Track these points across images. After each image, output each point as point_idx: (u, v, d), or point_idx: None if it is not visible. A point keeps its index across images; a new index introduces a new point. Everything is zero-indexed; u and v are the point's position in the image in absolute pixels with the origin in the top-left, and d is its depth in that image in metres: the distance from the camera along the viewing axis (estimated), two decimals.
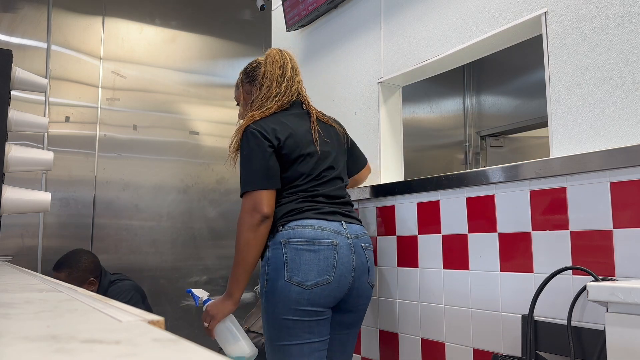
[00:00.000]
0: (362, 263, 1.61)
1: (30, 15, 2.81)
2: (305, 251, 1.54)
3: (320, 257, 1.54)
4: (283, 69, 1.73)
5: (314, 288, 1.52)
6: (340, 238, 1.57)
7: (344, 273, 1.56)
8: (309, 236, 1.55)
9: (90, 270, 2.42)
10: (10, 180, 1.54)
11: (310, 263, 1.53)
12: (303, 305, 1.53)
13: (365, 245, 1.64)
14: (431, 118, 3.69)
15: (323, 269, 1.53)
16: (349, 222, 1.63)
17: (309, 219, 1.59)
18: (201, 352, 0.31)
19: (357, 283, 1.60)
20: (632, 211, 1.29)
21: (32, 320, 0.45)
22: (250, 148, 1.61)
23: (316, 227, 1.56)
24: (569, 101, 1.48)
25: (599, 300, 1.01)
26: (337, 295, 1.57)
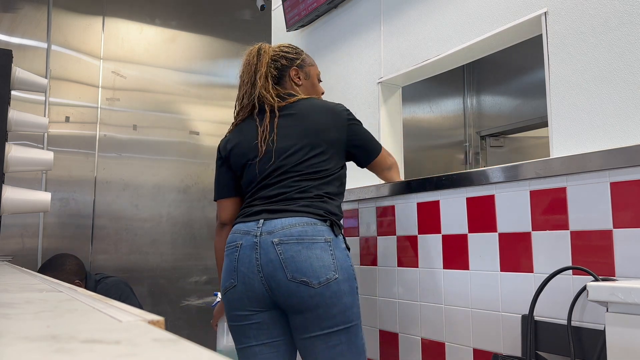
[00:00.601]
0: (271, 260, 1.45)
1: (30, 15, 2.81)
2: (226, 256, 1.57)
3: (227, 261, 1.55)
4: (242, 72, 1.70)
5: (226, 293, 1.54)
6: (245, 238, 1.50)
7: (246, 274, 1.48)
8: (230, 240, 1.57)
9: (75, 272, 2.41)
10: (10, 180, 1.54)
11: (224, 269, 1.56)
12: (228, 311, 1.56)
13: (279, 240, 1.45)
14: (431, 118, 3.69)
15: (228, 273, 1.53)
16: (271, 219, 1.50)
17: (238, 222, 1.60)
18: (201, 352, 0.31)
19: (272, 282, 1.45)
20: (632, 211, 1.29)
21: (32, 320, 0.45)
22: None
23: (234, 232, 1.57)
24: (569, 101, 1.48)
25: (599, 300, 1.01)
26: (253, 297, 1.49)
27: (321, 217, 1.51)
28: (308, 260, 1.43)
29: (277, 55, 1.71)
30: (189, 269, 3.10)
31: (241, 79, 1.70)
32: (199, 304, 3.07)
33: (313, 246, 1.45)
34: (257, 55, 1.68)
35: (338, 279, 1.45)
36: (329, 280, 1.43)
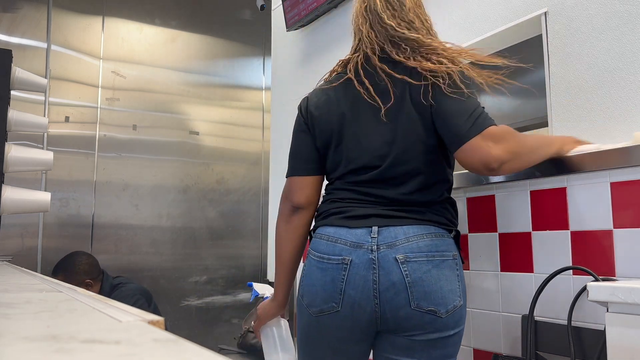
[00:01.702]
0: (392, 284, 1.15)
1: (30, 15, 2.81)
2: (315, 267, 1.25)
3: (326, 278, 1.21)
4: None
5: (320, 315, 1.23)
6: (357, 253, 1.19)
7: (358, 300, 1.18)
8: (321, 250, 1.24)
9: (86, 271, 2.40)
10: (10, 180, 1.54)
11: (317, 284, 1.23)
12: (310, 331, 1.27)
13: (403, 257, 1.16)
14: None
15: (328, 294, 1.21)
16: (387, 226, 1.20)
17: (325, 225, 1.28)
18: (201, 352, 0.31)
19: (389, 309, 1.17)
20: (632, 211, 1.29)
21: (32, 320, 0.45)
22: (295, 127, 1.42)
23: (327, 239, 1.24)
24: (569, 101, 1.48)
25: (599, 301, 1.01)
26: (357, 326, 1.21)
27: (447, 226, 1.25)
28: (438, 284, 1.16)
29: None
30: (189, 269, 3.10)
31: (359, 12, 1.45)
32: (198, 304, 3.07)
33: (443, 264, 1.18)
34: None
35: (462, 305, 1.21)
36: (455, 308, 1.18)
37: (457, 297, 1.19)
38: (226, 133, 3.29)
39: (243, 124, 3.44)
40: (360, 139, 1.26)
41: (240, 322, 2.65)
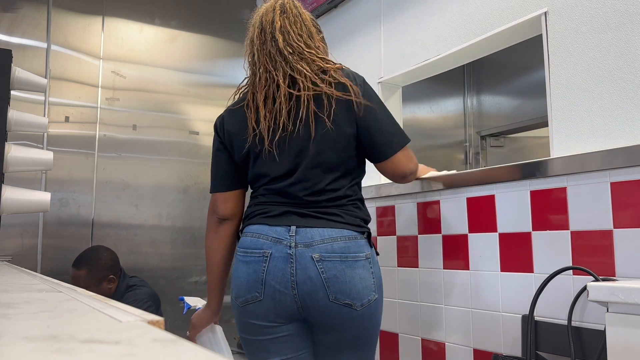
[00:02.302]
0: (309, 278, 1.27)
1: (30, 15, 2.81)
2: (241, 262, 1.34)
3: (249, 270, 1.31)
4: (261, 26, 1.41)
5: (245, 305, 1.33)
6: (277, 247, 1.29)
7: (278, 289, 1.28)
8: (245, 245, 1.34)
9: (110, 267, 2.42)
10: (10, 180, 1.54)
11: (241, 276, 1.33)
12: (245, 322, 1.35)
13: (319, 256, 1.27)
14: (431, 118, 3.69)
15: (251, 284, 1.31)
16: (306, 227, 1.30)
17: (251, 224, 1.37)
18: (201, 352, 0.31)
19: (309, 301, 1.28)
20: (632, 211, 1.29)
21: (32, 320, 0.45)
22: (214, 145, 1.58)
23: (252, 234, 1.34)
24: (569, 101, 1.48)
25: (599, 301, 1.01)
26: (280, 312, 1.31)
27: (359, 227, 1.35)
28: (352, 282, 1.28)
29: None
30: (189, 269, 3.10)
31: (256, 42, 1.43)
32: None
33: (356, 265, 1.29)
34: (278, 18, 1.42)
35: (377, 299, 1.33)
36: (370, 302, 1.30)
37: (372, 292, 1.31)
38: None
39: None
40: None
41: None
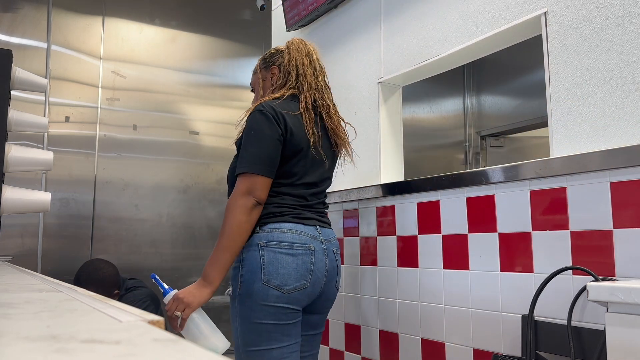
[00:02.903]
0: (334, 268, 1.60)
1: (30, 15, 2.81)
2: (284, 254, 1.50)
3: (298, 261, 1.51)
4: (309, 58, 1.70)
5: (292, 292, 1.50)
6: (315, 243, 1.55)
7: (318, 277, 1.55)
8: (288, 239, 1.52)
9: (114, 283, 2.43)
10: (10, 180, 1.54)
11: (288, 267, 1.50)
12: (282, 310, 1.50)
13: (335, 250, 1.64)
14: (431, 118, 3.69)
15: (301, 274, 1.51)
16: (322, 227, 1.62)
17: (287, 222, 1.54)
18: (201, 352, 0.31)
19: (326, 287, 1.59)
20: (632, 211, 1.29)
21: (32, 320, 0.45)
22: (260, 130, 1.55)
23: (294, 231, 1.53)
24: (569, 101, 1.48)
25: (599, 300, 1.01)
26: (310, 299, 1.56)
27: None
28: (340, 271, 1.69)
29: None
30: (189, 269, 3.10)
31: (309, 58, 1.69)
32: None
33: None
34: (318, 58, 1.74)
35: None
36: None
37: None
38: (226, 133, 3.29)
39: None
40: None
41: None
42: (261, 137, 1.53)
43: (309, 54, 1.71)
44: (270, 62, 1.74)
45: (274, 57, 1.74)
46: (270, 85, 1.72)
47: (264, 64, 1.76)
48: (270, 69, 1.73)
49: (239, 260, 1.53)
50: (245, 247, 1.52)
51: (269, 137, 1.53)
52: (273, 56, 1.75)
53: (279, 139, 1.54)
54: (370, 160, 2.18)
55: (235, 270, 1.54)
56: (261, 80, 1.75)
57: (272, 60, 1.74)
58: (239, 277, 1.51)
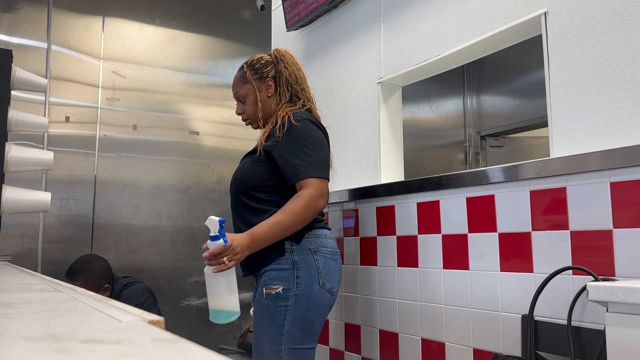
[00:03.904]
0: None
1: (30, 15, 2.81)
2: (331, 260, 1.64)
3: (338, 265, 1.67)
4: (302, 72, 1.82)
5: (335, 295, 1.65)
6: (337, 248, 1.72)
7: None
8: (331, 246, 1.66)
9: (105, 277, 2.42)
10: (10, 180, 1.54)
11: (335, 272, 1.64)
12: (327, 311, 1.64)
13: None
14: (431, 118, 3.69)
15: (339, 278, 1.68)
16: None
17: (324, 229, 1.69)
18: (201, 352, 0.31)
19: None
20: (632, 211, 1.29)
21: (32, 320, 0.45)
22: (319, 138, 1.66)
23: (332, 238, 1.68)
24: (569, 101, 1.48)
25: (599, 300, 1.01)
26: None
27: None
28: None
29: None
30: (189, 269, 3.10)
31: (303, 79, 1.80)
32: (198, 303, 3.08)
33: None
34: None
35: None
36: None
37: None
38: (226, 133, 3.29)
39: (243, 124, 3.43)
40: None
41: (241, 322, 2.65)
42: (320, 145, 1.66)
43: (300, 67, 1.80)
44: (264, 74, 1.77)
45: (266, 69, 1.77)
46: (267, 97, 1.77)
47: (256, 75, 1.78)
48: (266, 81, 1.77)
49: (291, 262, 1.59)
50: (296, 250, 1.60)
51: (326, 146, 1.69)
52: (264, 67, 1.78)
53: (329, 148, 1.71)
54: (370, 160, 2.18)
55: (286, 272, 1.59)
56: (257, 91, 1.77)
57: (265, 71, 1.77)
58: (294, 278, 1.58)
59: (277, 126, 1.65)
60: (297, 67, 1.79)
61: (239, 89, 1.81)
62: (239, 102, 1.83)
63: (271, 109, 1.78)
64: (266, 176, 1.66)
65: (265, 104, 1.77)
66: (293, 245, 1.61)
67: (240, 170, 1.75)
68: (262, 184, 1.66)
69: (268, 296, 1.59)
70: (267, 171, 1.65)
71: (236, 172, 1.77)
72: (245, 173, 1.71)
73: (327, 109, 2.46)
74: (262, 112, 1.78)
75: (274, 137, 1.65)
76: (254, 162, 1.69)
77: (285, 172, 1.61)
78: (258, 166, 1.67)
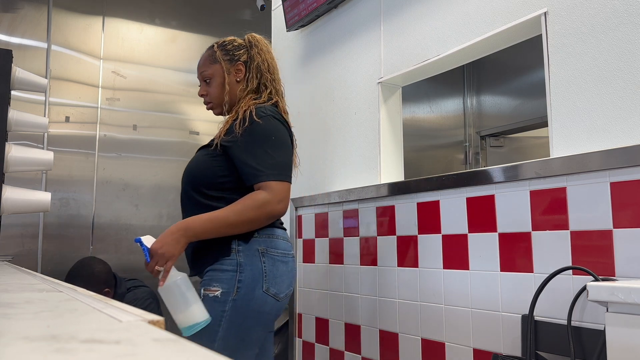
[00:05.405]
0: None
1: (30, 15, 2.81)
2: (280, 262, 1.51)
3: (289, 269, 1.54)
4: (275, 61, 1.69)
5: (283, 300, 1.51)
6: (292, 249, 1.61)
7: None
8: (283, 247, 1.53)
9: (104, 280, 2.41)
10: (10, 180, 1.54)
11: (283, 276, 1.50)
12: (271, 318, 1.51)
13: None
14: (431, 118, 3.69)
15: (290, 282, 1.54)
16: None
17: (278, 228, 1.55)
18: (201, 352, 0.31)
19: None
20: (632, 211, 1.29)
21: (32, 320, 0.45)
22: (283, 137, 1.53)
23: (285, 239, 1.56)
24: (569, 101, 1.48)
25: (599, 300, 1.01)
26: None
27: None
28: None
29: None
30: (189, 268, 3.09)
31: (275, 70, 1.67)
32: None
33: None
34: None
35: None
36: None
37: None
38: None
39: None
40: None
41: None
42: (284, 144, 1.53)
43: (274, 57, 1.68)
44: (235, 57, 1.64)
45: (238, 51, 1.65)
46: (235, 81, 1.63)
47: (227, 56, 1.64)
48: (236, 65, 1.63)
49: (235, 264, 1.46)
50: (243, 251, 1.47)
51: (289, 146, 1.56)
52: (237, 49, 1.65)
53: (292, 147, 1.60)
54: (370, 160, 2.18)
55: (228, 274, 1.46)
56: (225, 73, 1.63)
57: (237, 54, 1.64)
58: (235, 282, 1.44)
59: (238, 121, 1.50)
60: (271, 56, 1.66)
61: (206, 68, 1.67)
62: (204, 82, 1.68)
63: (237, 95, 1.63)
64: (221, 172, 1.51)
65: (232, 89, 1.63)
66: (240, 246, 1.47)
67: (193, 163, 1.59)
68: (216, 180, 1.51)
69: (205, 298, 1.46)
70: (222, 167, 1.51)
71: (189, 165, 1.60)
72: (198, 167, 1.55)
73: (327, 109, 2.46)
74: (229, 97, 1.62)
75: (234, 132, 1.50)
76: (209, 155, 1.53)
77: (243, 172, 1.48)
78: (213, 161, 1.52)
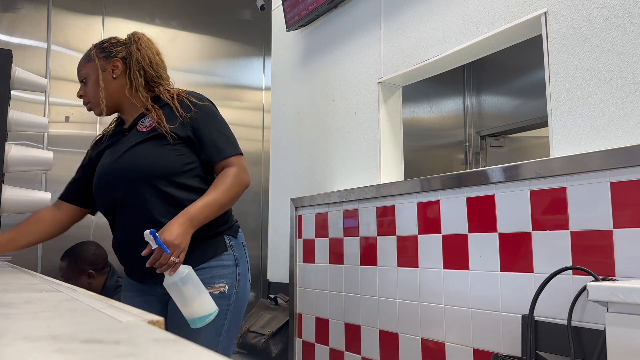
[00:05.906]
0: None
1: (30, 15, 2.81)
2: (245, 253, 1.60)
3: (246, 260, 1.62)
4: (160, 56, 1.71)
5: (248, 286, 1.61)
6: None
7: None
8: (244, 239, 1.62)
9: (90, 261, 2.40)
10: (10, 180, 1.55)
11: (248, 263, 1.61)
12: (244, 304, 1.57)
13: None
14: (431, 118, 3.69)
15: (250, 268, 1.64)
16: None
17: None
18: (201, 352, 0.31)
19: None
20: (632, 211, 1.29)
21: (32, 320, 0.45)
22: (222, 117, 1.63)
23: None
24: (569, 101, 1.48)
25: (599, 300, 1.01)
26: None
27: None
28: None
29: None
30: None
31: (159, 66, 1.69)
32: None
33: None
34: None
35: None
36: None
37: None
38: None
39: (243, 124, 3.44)
40: None
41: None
42: (225, 120, 1.62)
43: (157, 53, 1.68)
44: (111, 53, 1.61)
45: (115, 48, 1.62)
46: (112, 78, 1.60)
47: (102, 53, 1.62)
48: (112, 61, 1.60)
49: (233, 258, 1.50)
50: (235, 245, 1.53)
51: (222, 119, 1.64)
52: (114, 47, 1.63)
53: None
54: (370, 160, 2.18)
55: (229, 269, 1.48)
56: (100, 70, 1.61)
57: (113, 51, 1.62)
58: (235, 276, 1.50)
59: (178, 108, 1.53)
60: (152, 52, 1.64)
61: (82, 68, 1.66)
62: (82, 83, 1.67)
63: (118, 93, 1.60)
64: (187, 160, 1.50)
65: (109, 86, 1.59)
66: (232, 241, 1.53)
67: (150, 156, 1.51)
68: (184, 168, 1.50)
69: (211, 295, 1.41)
70: (186, 155, 1.51)
71: (143, 158, 1.51)
72: (161, 158, 1.50)
73: (327, 109, 2.46)
74: (105, 94, 1.59)
75: (178, 119, 1.51)
76: (165, 147, 1.50)
77: (206, 152, 1.51)
78: (174, 151, 1.50)
